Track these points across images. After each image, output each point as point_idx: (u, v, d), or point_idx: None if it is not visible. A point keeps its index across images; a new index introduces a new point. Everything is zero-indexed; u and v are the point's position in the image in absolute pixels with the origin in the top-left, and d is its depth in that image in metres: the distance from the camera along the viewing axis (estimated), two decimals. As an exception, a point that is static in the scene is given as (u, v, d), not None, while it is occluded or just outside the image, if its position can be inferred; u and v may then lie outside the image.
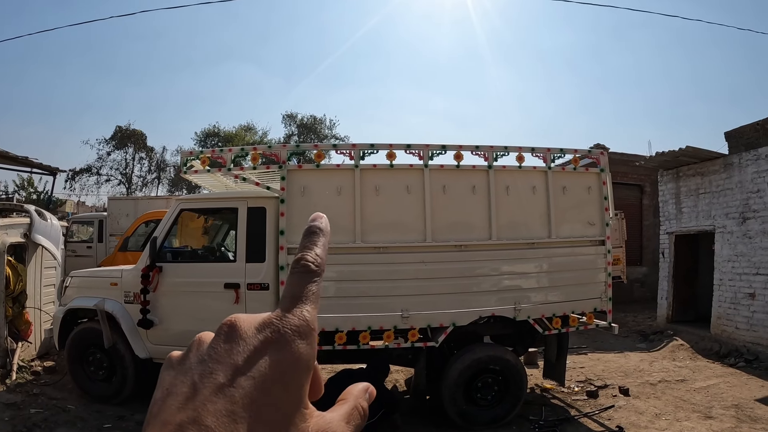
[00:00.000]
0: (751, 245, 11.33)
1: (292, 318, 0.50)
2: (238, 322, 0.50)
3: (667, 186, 14.14)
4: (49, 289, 10.28)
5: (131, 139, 42.57)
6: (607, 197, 8.01)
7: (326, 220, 0.61)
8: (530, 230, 7.63)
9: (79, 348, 7.83)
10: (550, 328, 7.64)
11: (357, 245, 7.04)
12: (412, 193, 7.27)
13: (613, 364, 10.79)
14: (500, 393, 7.42)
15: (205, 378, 0.46)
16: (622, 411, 8.04)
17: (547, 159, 7.74)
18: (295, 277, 0.55)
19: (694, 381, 9.58)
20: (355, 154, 7.19)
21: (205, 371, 0.47)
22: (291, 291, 0.53)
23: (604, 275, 7.93)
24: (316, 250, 0.57)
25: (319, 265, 0.56)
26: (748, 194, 11.47)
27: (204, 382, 0.46)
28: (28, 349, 9.44)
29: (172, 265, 7.60)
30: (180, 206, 7.72)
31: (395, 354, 7.50)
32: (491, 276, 7.51)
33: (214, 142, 42.82)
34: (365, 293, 7.09)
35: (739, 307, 11.52)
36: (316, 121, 46.21)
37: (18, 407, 7.40)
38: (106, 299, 7.60)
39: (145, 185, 43.69)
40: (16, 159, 15.25)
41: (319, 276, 0.55)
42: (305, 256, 0.56)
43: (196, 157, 7.58)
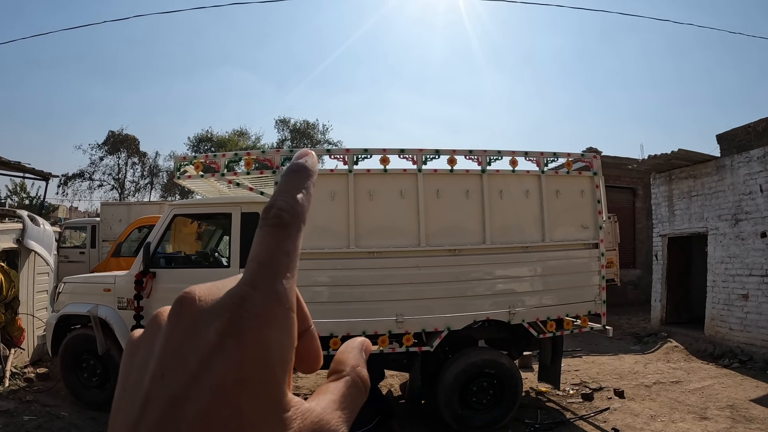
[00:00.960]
0: (744, 247, 11.38)
1: (255, 297, 0.40)
2: (192, 304, 0.41)
3: (660, 189, 14.19)
4: (42, 295, 10.24)
5: (124, 144, 42.41)
6: (600, 200, 8.02)
7: (314, 158, 0.49)
8: (524, 234, 7.64)
9: (73, 354, 7.80)
10: (545, 332, 7.65)
11: (351, 250, 7.03)
12: (405, 198, 7.27)
13: (607, 367, 10.81)
14: (495, 397, 7.42)
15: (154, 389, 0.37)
16: (618, 413, 8.05)
17: (540, 163, 7.75)
18: (262, 233, 0.43)
19: (688, 382, 9.60)
20: (349, 159, 7.18)
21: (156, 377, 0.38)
22: (256, 253, 0.42)
23: (597, 278, 7.95)
24: (293, 194, 0.45)
25: (296, 214, 0.44)
26: (741, 196, 11.52)
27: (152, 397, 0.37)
28: (21, 355, 9.40)
29: (166, 270, 7.58)
30: (173, 211, 7.71)
31: (390, 359, 7.48)
32: (485, 280, 7.51)
33: (207, 147, 42.72)
34: (359, 298, 7.08)
35: (732, 308, 11.57)
36: (309, 126, 46.17)
37: (11, 414, 7.37)
38: (99, 305, 7.58)
39: (138, 190, 43.54)
40: (8, 164, 15.18)
41: (295, 230, 0.43)
42: (276, 202, 0.44)
43: (189, 162, 7.57)
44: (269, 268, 0.41)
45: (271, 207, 0.43)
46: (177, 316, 0.40)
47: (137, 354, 0.42)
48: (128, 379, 0.41)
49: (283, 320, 0.40)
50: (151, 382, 0.38)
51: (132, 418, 0.37)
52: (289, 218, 0.43)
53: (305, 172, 0.46)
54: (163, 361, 0.38)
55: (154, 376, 0.38)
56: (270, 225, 0.43)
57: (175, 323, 0.40)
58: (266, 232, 0.42)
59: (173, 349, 0.39)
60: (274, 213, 0.43)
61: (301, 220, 0.43)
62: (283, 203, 0.43)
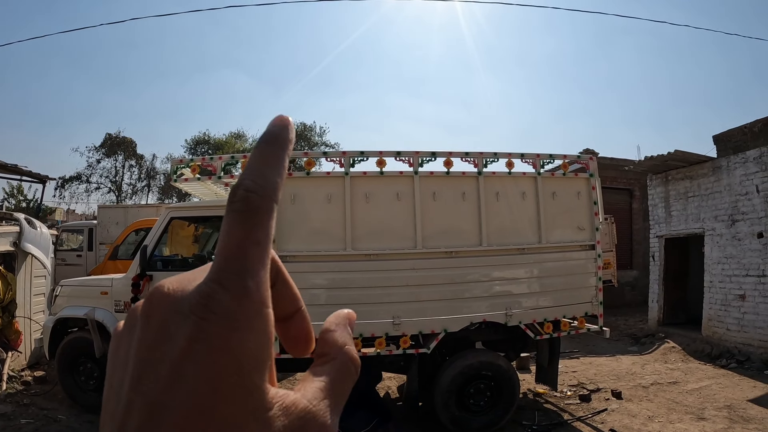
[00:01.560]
0: (741, 247, 11.40)
1: (223, 295, 0.36)
2: (161, 303, 0.37)
3: (657, 190, 14.21)
4: (39, 298, 10.23)
5: (121, 147, 42.36)
6: (596, 202, 8.03)
7: (289, 124, 0.44)
8: (520, 236, 7.65)
9: (70, 357, 7.80)
10: (542, 333, 7.65)
11: (347, 252, 7.03)
12: (402, 200, 7.28)
13: (605, 368, 10.82)
14: (493, 399, 7.41)
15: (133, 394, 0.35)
16: (615, 414, 8.06)
17: (536, 165, 7.76)
18: (230, 219, 0.39)
19: (686, 383, 9.61)
20: (346, 162, 7.19)
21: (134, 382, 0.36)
22: (223, 245, 0.38)
23: (594, 279, 7.95)
24: (262, 170, 0.41)
25: (266, 194, 0.40)
26: (737, 197, 11.54)
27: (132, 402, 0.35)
28: (18, 358, 9.39)
29: (163, 273, 7.57)
30: (170, 214, 7.72)
31: (387, 361, 7.48)
32: (482, 282, 7.51)
33: (204, 149, 42.66)
34: (356, 300, 7.06)
35: (729, 308, 11.58)
36: (306, 129, 46.09)
37: (8, 418, 7.35)
38: (96, 308, 7.58)
39: (135, 193, 43.48)
40: (5, 167, 15.13)
41: (266, 213, 0.39)
42: (243, 182, 0.40)
43: (186, 165, 7.57)
44: (237, 262, 0.37)
45: (238, 188, 0.39)
46: (148, 315, 0.38)
47: (120, 349, 0.39)
48: (113, 376, 0.39)
49: (255, 319, 0.36)
50: (130, 386, 0.36)
51: (117, 423, 0.35)
52: (258, 200, 0.39)
53: (277, 142, 0.42)
54: (138, 364, 0.36)
55: (132, 379, 0.36)
56: (237, 210, 0.38)
57: (146, 323, 0.37)
58: (233, 218, 0.38)
59: (147, 352, 0.36)
60: (241, 195, 0.39)
61: (272, 201, 0.40)
62: (250, 183, 0.39)
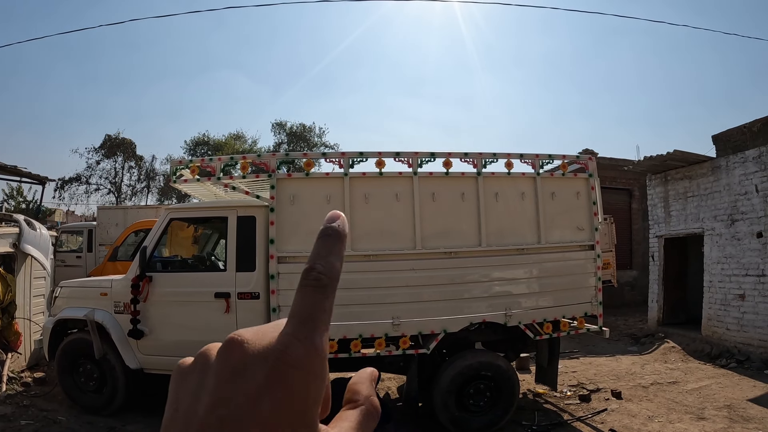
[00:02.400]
0: (740, 247, 11.41)
1: (298, 348, 0.45)
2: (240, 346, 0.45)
3: (656, 190, 14.22)
4: (39, 300, 10.23)
5: (120, 148, 42.35)
6: (595, 202, 8.04)
7: (344, 221, 0.55)
8: (520, 236, 7.66)
9: (70, 359, 7.79)
10: (541, 333, 7.66)
11: (347, 253, 6.98)
12: (401, 201, 7.29)
13: (604, 368, 10.82)
14: (492, 399, 7.41)
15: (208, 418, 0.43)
16: (615, 414, 8.07)
17: (535, 165, 7.77)
18: (303, 291, 0.49)
19: (686, 383, 9.62)
20: (345, 163, 7.20)
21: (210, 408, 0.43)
22: (299, 309, 0.47)
23: (594, 279, 7.96)
24: (329, 259, 0.51)
25: (332, 276, 0.50)
26: (736, 196, 11.55)
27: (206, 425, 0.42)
28: (17, 360, 9.39)
29: (162, 274, 7.58)
30: (170, 215, 7.71)
31: (387, 361, 7.48)
32: (481, 282, 7.52)
33: (203, 150, 42.68)
34: (356, 301, 7.08)
35: (729, 308, 11.59)
36: (305, 130, 46.11)
37: (8, 419, 7.35)
38: (96, 309, 7.57)
39: (135, 194, 43.48)
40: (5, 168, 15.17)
41: (331, 290, 0.49)
42: (315, 266, 0.49)
43: (185, 166, 7.57)
44: (310, 323, 0.47)
45: (312, 270, 0.49)
46: (227, 355, 0.45)
47: (186, 381, 0.48)
48: (179, 402, 0.46)
49: (320, 369, 0.45)
50: (207, 411, 0.43)
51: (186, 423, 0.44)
52: (327, 281, 0.49)
53: (337, 236, 0.53)
54: (217, 393, 0.43)
55: (208, 406, 0.43)
56: (311, 285, 0.48)
57: (225, 361, 0.45)
58: (307, 291, 0.48)
59: (227, 384, 0.44)
60: (314, 276, 0.49)
61: (336, 281, 0.50)
62: (321, 267, 0.49)
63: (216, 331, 7.13)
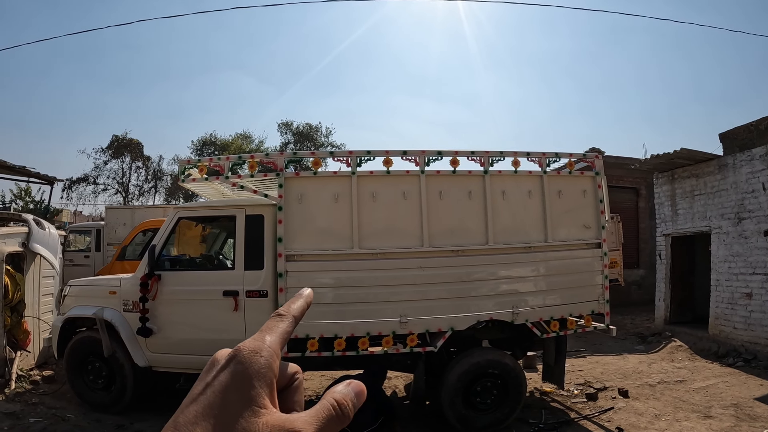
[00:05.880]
0: (747, 245, 11.38)
1: (250, 341, 0.60)
2: (219, 352, 0.61)
3: (663, 188, 14.19)
4: (48, 298, 10.28)
5: (128, 149, 42.41)
6: (602, 200, 8.04)
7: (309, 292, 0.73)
8: (527, 234, 7.66)
9: (78, 357, 7.82)
10: (548, 332, 7.66)
11: (354, 251, 7.06)
12: (408, 199, 7.30)
13: (611, 367, 10.82)
14: (499, 397, 7.41)
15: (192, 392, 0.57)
16: (622, 412, 8.06)
17: (542, 163, 7.77)
18: (269, 320, 0.66)
19: (692, 381, 9.60)
20: (352, 161, 7.22)
21: (194, 387, 0.58)
22: (263, 327, 0.64)
23: (601, 278, 7.96)
24: (290, 305, 0.68)
25: (288, 313, 0.67)
26: (743, 195, 11.52)
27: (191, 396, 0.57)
28: (26, 358, 9.44)
29: (171, 273, 7.60)
30: (178, 214, 7.73)
31: (394, 359, 7.51)
32: (489, 280, 7.52)
33: (210, 150, 42.69)
34: (363, 299, 7.10)
35: (736, 307, 11.56)
36: (312, 129, 46.12)
37: (17, 417, 7.40)
38: (104, 308, 7.60)
39: (142, 194, 43.55)
40: (13, 168, 15.20)
41: (288, 320, 0.66)
42: (279, 309, 0.68)
43: (194, 165, 7.61)
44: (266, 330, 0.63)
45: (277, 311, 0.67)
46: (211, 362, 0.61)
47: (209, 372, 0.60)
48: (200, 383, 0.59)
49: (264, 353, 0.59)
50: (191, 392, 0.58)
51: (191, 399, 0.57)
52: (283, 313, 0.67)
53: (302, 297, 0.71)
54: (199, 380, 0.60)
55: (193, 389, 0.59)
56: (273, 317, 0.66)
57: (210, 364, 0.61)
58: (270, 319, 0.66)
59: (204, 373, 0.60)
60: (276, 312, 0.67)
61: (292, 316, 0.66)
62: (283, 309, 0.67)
63: (224, 329, 7.18)
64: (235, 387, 0.56)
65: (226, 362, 0.58)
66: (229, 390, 0.56)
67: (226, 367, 0.58)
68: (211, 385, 0.57)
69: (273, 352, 0.60)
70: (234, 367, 0.57)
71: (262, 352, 0.59)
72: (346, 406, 0.61)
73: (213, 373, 0.58)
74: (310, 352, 6.99)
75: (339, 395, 0.61)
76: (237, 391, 0.56)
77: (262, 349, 0.59)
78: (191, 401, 0.56)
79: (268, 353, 0.59)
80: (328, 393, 0.62)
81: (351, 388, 0.63)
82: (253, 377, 0.57)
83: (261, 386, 0.57)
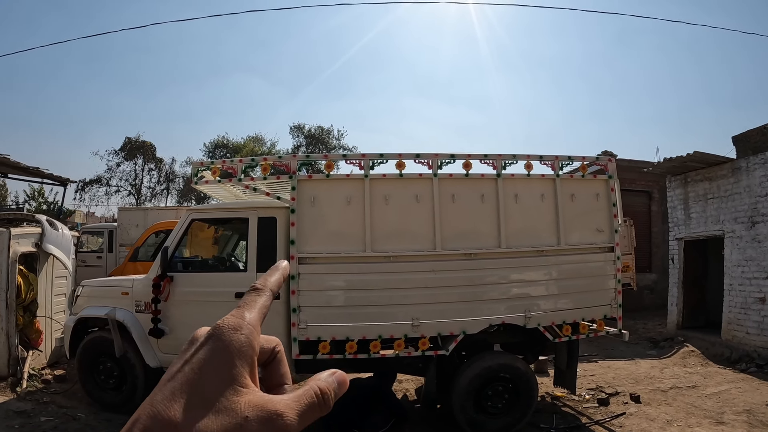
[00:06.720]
0: (761, 249, 11.30)
1: (230, 318, 0.59)
2: (199, 330, 0.60)
3: (676, 192, 14.12)
4: (60, 299, 10.34)
5: (140, 151, 42.70)
6: (615, 204, 8.00)
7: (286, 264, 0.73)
8: (539, 238, 7.64)
9: (90, 357, 7.86)
10: (561, 336, 7.63)
11: (367, 254, 7.07)
12: (421, 202, 7.30)
13: (623, 372, 10.76)
14: (510, 401, 7.38)
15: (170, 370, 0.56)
16: (634, 418, 8.02)
17: (555, 167, 7.75)
18: (245, 294, 0.65)
19: (705, 387, 9.54)
20: (365, 164, 7.23)
21: (172, 365, 0.57)
22: (240, 302, 0.63)
23: (613, 282, 7.92)
24: (267, 278, 0.67)
25: (266, 286, 0.66)
26: (757, 198, 11.44)
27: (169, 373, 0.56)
28: (38, 357, 9.50)
29: (183, 274, 7.63)
30: (191, 216, 7.76)
31: (405, 362, 7.49)
32: (501, 284, 7.51)
33: (222, 153, 42.90)
34: (375, 302, 7.11)
35: (749, 311, 11.48)
36: (323, 132, 46.23)
37: (28, 415, 7.44)
38: (117, 308, 7.64)
39: (155, 196, 43.85)
40: (27, 169, 15.32)
41: (266, 294, 0.65)
42: (256, 282, 0.67)
43: (207, 167, 7.63)
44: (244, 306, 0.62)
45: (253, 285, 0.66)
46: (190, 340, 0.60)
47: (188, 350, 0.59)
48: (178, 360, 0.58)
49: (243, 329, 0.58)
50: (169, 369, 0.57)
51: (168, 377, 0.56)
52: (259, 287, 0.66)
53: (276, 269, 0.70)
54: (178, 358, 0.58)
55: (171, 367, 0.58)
56: (249, 291, 0.65)
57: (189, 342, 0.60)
58: (247, 294, 0.65)
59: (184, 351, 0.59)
60: (251, 286, 0.66)
61: (268, 288, 0.66)
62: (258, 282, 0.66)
63: (236, 330, 7.17)
64: (215, 365, 0.55)
65: (205, 339, 0.58)
66: (208, 368, 0.55)
67: (205, 345, 0.57)
68: (190, 362, 0.56)
69: (253, 329, 0.59)
70: (213, 345, 0.57)
71: (242, 330, 0.58)
72: (328, 395, 0.60)
73: (192, 350, 0.57)
74: (321, 354, 6.99)
75: (323, 383, 0.61)
76: (216, 369, 0.55)
77: (241, 326, 0.58)
78: (169, 378, 0.55)
79: (248, 330, 0.58)
80: (311, 380, 0.61)
81: (335, 377, 0.63)
82: (233, 355, 0.56)
83: (242, 365, 0.56)
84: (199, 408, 0.52)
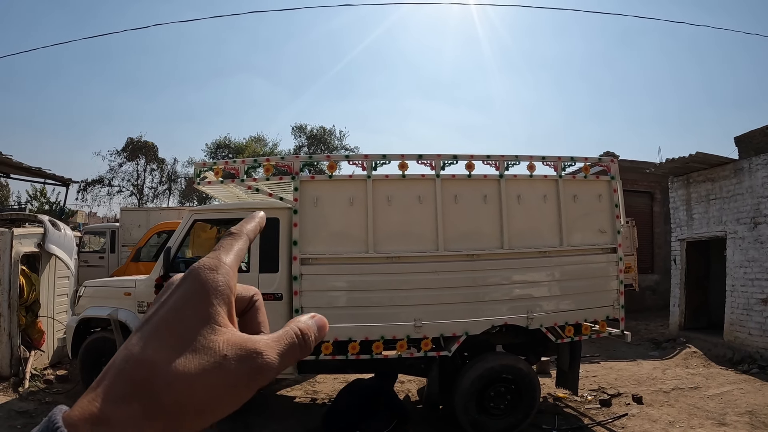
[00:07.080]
0: (763, 250, 11.29)
1: (206, 259, 0.58)
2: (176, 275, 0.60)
3: (678, 192, 14.11)
4: (62, 299, 10.36)
5: (143, 151, 42.66)
6: (617, 205, 7.99)
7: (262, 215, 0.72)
8: (542, 239, 7.64)
9: (92, 357, 7.87)
10: (563, 337, 7.63)
11: (369, 255, 7.06)
12: (423, 203, 7.30)
13: (625, 373, 10.76)
14: (513, 402, 7.38)
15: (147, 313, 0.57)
16: (636, 419, 8.02)
17: (557, 167, 7.75)
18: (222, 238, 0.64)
19: (707, 388, 9.53)
20: (368, 165, 7.23)
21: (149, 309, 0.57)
22: (217, 245, 0.63)
23: (616, 283, 7.92)
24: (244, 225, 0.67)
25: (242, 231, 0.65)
26: (759, 199, 11.43)
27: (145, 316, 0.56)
28: (40, 357, 9.51)
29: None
30: (193, 217, 7.77)
31: (408, 363, 7.49)
32: (503, 285, 7.51)
33: (224, 153, 42.82)
34: (378, 303, 7.11)
35: (751, 312, 11.47)
36: (325, 132, 46.16)
37: (30, 415, 7.46)
38: (119, 309, 7.65)
39: (157, 196, 43.81)
40: (29, 170, 15.35)
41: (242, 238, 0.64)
42: (232, 228, 0.66)
43: (209, 168, 7.63)
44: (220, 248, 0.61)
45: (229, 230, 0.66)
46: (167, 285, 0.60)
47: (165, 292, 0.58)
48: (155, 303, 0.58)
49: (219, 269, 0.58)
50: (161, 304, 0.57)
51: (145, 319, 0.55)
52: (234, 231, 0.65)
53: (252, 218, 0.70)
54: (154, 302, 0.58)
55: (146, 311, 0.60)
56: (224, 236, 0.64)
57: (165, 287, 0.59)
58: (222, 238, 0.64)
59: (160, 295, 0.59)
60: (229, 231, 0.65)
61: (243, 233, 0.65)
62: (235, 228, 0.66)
63: (238, 331, 7.18)
64: (192, 304, 0.55)
65: (182, 281, 0.57)
66: (184, 307, 0.54)
67: (181, 286, 0.56)
68: (166, 303, 0.55)
69: (230, 270, 0.59)
70: (190, 285, 0.56)
71: (219, 269, 0.57)
72: (309, 336, 0.61)
73: (168, 293, 0.57)
74: (324, 355, 7.00)
75: (303, 325, 0.61)
76: (193, 308, 0.54)
77: (218, 267, 0.58)
78: (145, 321, 0.55)
79: (225, 270, 0.58)
80: (291, 321, 0.61)
81: (315, 320, 0.63)
82: (210, 294, 0.55)
83: (219, 304, 0.56)
84: (176, 347, 0.52)
